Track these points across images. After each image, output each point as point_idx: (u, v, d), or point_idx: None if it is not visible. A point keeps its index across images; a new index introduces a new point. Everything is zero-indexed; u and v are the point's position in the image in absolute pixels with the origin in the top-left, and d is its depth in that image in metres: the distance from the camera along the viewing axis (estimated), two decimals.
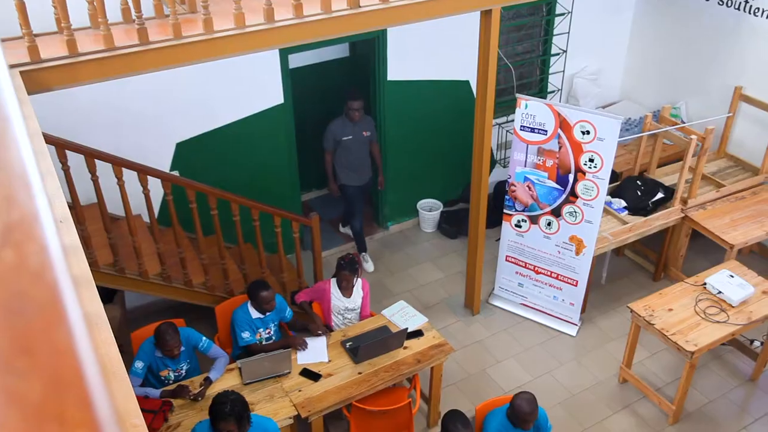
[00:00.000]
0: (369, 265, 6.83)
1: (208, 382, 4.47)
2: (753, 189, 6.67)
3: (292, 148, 6.42)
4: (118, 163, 4.67)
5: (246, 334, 4.81)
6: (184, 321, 4.98)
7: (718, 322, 5.07)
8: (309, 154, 6.90)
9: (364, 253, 6.83)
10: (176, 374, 4.60)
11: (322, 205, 7.45)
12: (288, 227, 5.69)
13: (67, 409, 0.50)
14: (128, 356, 4.73)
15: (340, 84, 7.11)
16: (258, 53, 4.35)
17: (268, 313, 4.89)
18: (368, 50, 6.53)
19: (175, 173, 5.77)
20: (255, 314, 4.86)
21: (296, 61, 6.56)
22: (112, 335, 1.76)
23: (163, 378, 4.55)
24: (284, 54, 5.93)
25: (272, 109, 6.08)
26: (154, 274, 5.17)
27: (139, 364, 4.42)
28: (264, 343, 4.90)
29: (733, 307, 5.18)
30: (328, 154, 6.31)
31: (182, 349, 4.53)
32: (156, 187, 5.01)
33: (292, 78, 6.17)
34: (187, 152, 5.83)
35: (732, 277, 5.35)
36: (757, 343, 5.64)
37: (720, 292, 5.26)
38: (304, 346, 4.79)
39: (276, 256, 5.77)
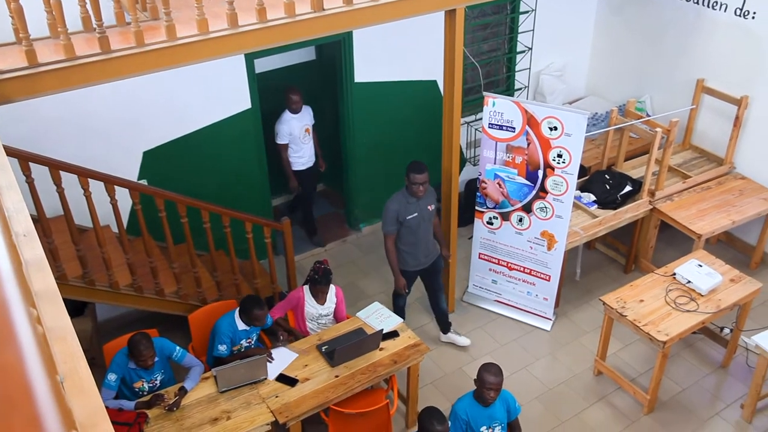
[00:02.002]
0: (463, 339, 5.96)
1: (183, 392, 4.42)
2: (718, 179, 6.78)
3: (262, 153, 6.38)
4: (84, 174, 4.61)
5: (222, 347, 4.77)
6: (158, 331, 4.92)
7: (688, 311, 5.15)
8: (278, 158, 6.86)
9: (451, 333, 5.99)
10: (150, 385, 4.54)
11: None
12: (259, 233, 5.65)
13: (14, 429, 0.49)
14: (101, 369, 4.67)
15: (307, 87, 7.09)
16: (223, 59, 4.32)
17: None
18: (335, 53, 6.52)
19: (143, 182, 5.71)
20: (241, 326, 4.83)
21: (263, 65, 6.53)
22: (80, 349, 1.74)
23: (137, 389, 4.50)
24: (250, 59, 5.89)
25: (240, 115, 6.04)
26: (125, 285, 5.11)
27: (111, 377, 4.36)
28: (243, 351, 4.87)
29: (702, 295, 5.26)
30: (390, 239, 5.29)
31: (156, 359, 4.48)
32: (124, 196, 4.95)
33: (259, 82, 6.14)
34: (155, 160, 5.77)
35: (700, 266, 5.43)
36: (726, 331, 5.74)
37: (689, 282, 5.34)
38: (270, 357, 4.75)
39: (248, 262, 5.74)
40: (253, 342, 4.94)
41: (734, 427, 5.24)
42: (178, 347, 4.62)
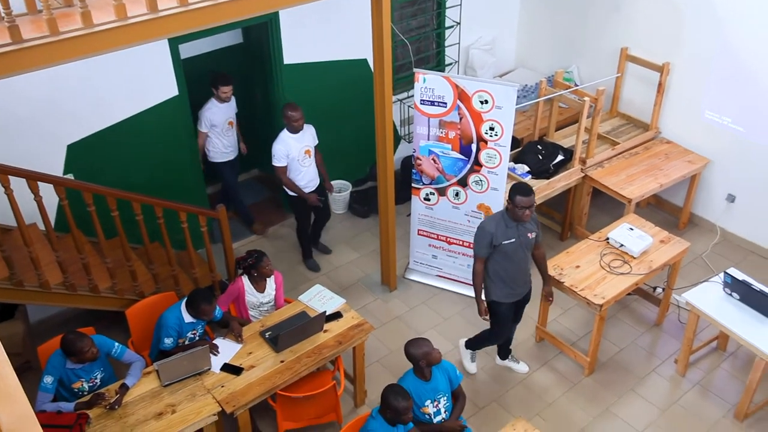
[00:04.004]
0: (522, 366, 5.58)
1: (124, 389, 4.32)
2: (645, 144, 6.99)
3: (192, 141, 6.24)
4: (4, 171, 4.42)
5: (169, 340, 4.68)
6: (94, 329, 4.78)
7: (622, 273, 5.31)
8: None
9: (508, 360, 5.60)
10: (90, 385, 4.42)
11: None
12: (195, 222, 5.53)
13: None
14: (37, 372, 4.52)
15: (236, 71, 6.95)
16: (145, 45, 4.18)
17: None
18: (262, 35, 6.40)
19: (70, 176, 5.52)
20: (188, 318, 4.74)
21: (188, 50, 6.37)
22: (4, 353, 1.67)
23: (76, 390, 4.36)
24: (174, 44, 5.73)
25: (167, 102, 5.88)
26: (56, 283, 4.94)
27: (48, 379, 4.22)
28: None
29: (634, 258, 5.43)
30: (480, 261, 4.85)
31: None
32: (49, 193, 4.77)
33: (186, 68, 5.99)
34: (81, 154, 5.57)
35: (632, 229, 5.60)
36: (659, 290, 5.95)
37: (622, 245, 5.49)
38: (214, 349, 4.70)
39: (186, 252, 5.62)
40: (198, 334, 4.86)
41: (669, 382, 5.45)
42: (116, 343, 4.51)
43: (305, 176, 6.07)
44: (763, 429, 5.06)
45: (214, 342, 4.75)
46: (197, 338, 4.86)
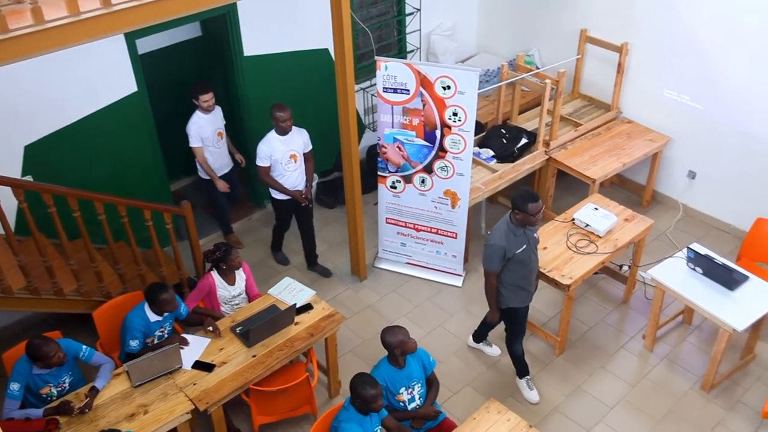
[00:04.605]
0: (534, 394, 5.25)
1: (94, 391, 4.26)
2: (607, 125, 7.07)
3: (154, 137, 6.15)
4: None
5: (134, 342, 4.62)
6: (61, 333, 4.71)
7: (588, 253, 5.37)
8: (173, 140, 6.64)
9: (527, 379, 5.31)
10: (59, 389, 4.35)
11: (194, 191, 7.22)
12: (160, 219, 5.46)
13: None
14: (3, 380, 4.43)
15: (196, 65, 6.86)
16: (101, 41, 4.10)
17: (166, 314, 4.73)
18: (220, 27, 6.31)
19: (28, 178, 5.40)
20: (153, 317, 4.68)
21: (146, 45, 6.25)
22: None
23: (44, 396, 4.29)
24: (130, 39, 5.63)
25: (126, 99, 5.78)
26: (19, 288, 4.84)
27: (14, 386, 4.14)
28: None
29: (600, 237, 5.50)
30: (493, 276, 4.73)
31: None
32: (7, 196, 4.66)
33: (144, 64, 5.89)
34: (39, 154, 5.45)
35: (596, 209, 5.66)
36: (625, 268, 6.03)
37: (587, 225, 5.56)
38: (184, 343, 4.65)
39: (152, 250, 5.55)
40: (166, 332, 4.80)
41: (638, 357, 5.55)
42: (84, 346, 4.44)
43: (287, 182, 5.84)
44: (729, 398, 5.18)
45: (182, 336, 4.70)
46: (166, 335, 4.81)
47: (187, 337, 4.73)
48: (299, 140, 5.82)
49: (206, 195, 6.59)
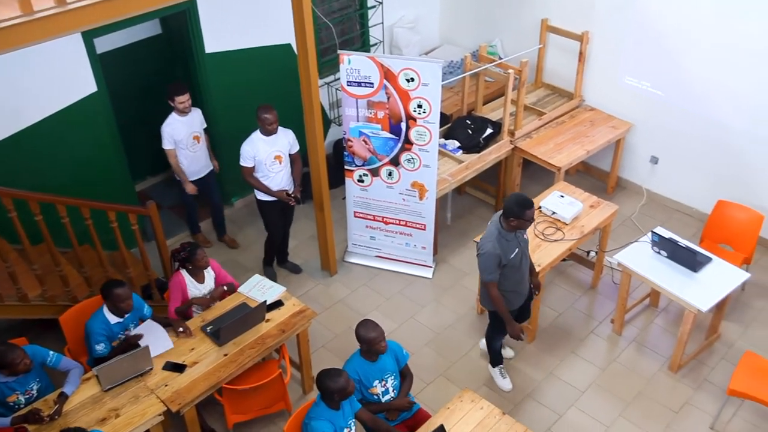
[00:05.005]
0: (506, 382, 5.30)
1: (63, 397, 4.19)
2: (570, 113, 7.14)
3: (116, 137, 6.06)
4: None
5: (100, 347, 4.55)
6: (27, 339, 4.62)
7: (556, 240, 5.43)
8: (136, 140, 6.54)
9: (500, 368, 5.34)
10: (27, 397, 4.27)
11: (160, 191, 7.14)
12: (125, 220, 5.38)
13: None
14: None
15: (157, 64, 6.76)
16: (57, 40, 4.02)
17: (126, 315, 4.65)
18: (181, 24, 6.23)
19: None
20: (113, 319, 4.61)
21: (105, 44, 6.14)
22: None
23: (11, 404, 4.21)
24: (88, 38, 5.54)
25: (85, 99, 5.68)
26: None
27: None
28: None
29: (566, 224, 5.56)
30: (493, 287, 4.60)
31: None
32: None
33: (103, 63, 5.80)
34: None
35: (562, 197, 5.73)
36: (592, 254, 6.11)
37: (554, 213, 5.62)
38: (137, 338, 4.60)
39: (118, 252, 5.47)
40: (131, 332, 4.73)
41: (607, 341, 5.63)
42: (51, 352, 4.35)
43: (272, 183, 5.71)
44: (696, 378, 5.29)
45: (136, 333, 4.65)
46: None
47: (140, 327, 4.68)
48: (284, 141, 5.71)
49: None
